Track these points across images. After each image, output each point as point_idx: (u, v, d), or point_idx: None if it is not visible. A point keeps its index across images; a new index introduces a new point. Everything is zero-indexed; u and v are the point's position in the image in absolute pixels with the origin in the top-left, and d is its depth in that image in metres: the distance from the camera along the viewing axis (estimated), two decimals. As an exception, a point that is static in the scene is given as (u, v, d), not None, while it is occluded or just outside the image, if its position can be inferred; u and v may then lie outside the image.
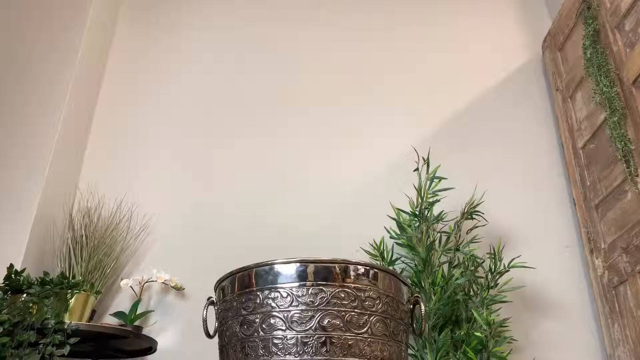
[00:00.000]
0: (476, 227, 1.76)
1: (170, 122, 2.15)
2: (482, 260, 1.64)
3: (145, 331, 1.71)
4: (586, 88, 1.85)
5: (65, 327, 1.35)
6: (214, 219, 1.95)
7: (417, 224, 1.65)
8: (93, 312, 1.65)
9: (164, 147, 2.10)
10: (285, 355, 0.92)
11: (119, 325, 1.62)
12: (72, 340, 1.33)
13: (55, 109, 1.92)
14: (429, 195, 1.67)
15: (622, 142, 1.60)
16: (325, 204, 1.96)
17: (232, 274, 1.03)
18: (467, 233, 1.77)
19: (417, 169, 1.73)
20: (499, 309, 1.70)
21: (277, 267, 0.97)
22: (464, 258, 1.62)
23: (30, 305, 1.35)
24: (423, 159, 1.73)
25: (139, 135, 2.13)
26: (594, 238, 1.79)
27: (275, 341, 0.93)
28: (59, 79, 1.97)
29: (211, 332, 1.09)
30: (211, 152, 2.08)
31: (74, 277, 1.66)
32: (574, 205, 1.90)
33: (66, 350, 1.31)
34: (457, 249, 1.66)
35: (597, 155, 1.78)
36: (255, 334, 0.95)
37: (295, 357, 0.91)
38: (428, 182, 1.68)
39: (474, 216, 1.72)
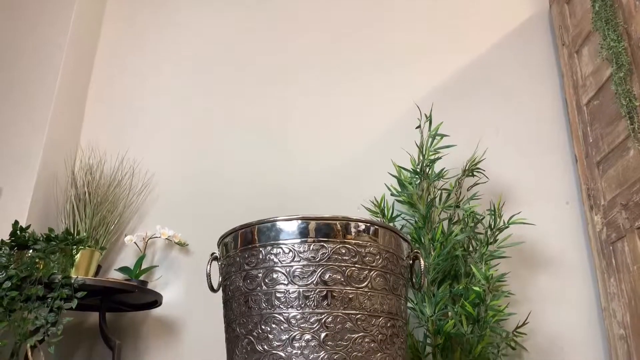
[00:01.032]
0: (477, 184, 1.77)
1: (170, 79, 2.12)
2: (482, 217, 1.65)
3: (150, 286, 1.75)
4: (593, 43, 1.82)
5: (72, 281, 1.38)
6: (215, 176, 1.96)
7: (418, 181, 1.66)
8: (98, 267, 1.69)
9: (164, 105, 2.08)
10: (288, 308, 0.94)
11: (124, 280, 1.65)
12: (79, 294, 1.36)
13: (52, 65, 1.89)
14: (430, 153, 1.66)
15: (627, 99, 1.58)
16: (327, 162, 1.96)
17: (234, 230, 1.04)
18: (467, 190, 1.77)
19: (419, 126, 1.72)
20: (497, 264, 1.73)
21: (279, 224, 0.98)
22: (464, 215, 1.63)
23: (37, 260, 1.38)
24: (425, 115, 1.71)
25: (139, 92, 2.11)
26: (594, 195, 1.80)
27: (278, 295, 0.95)
28: (55, 32, 1.93)
29: (215, 286, 1.11)
30: (212, 110, 2.07)
31: (78, 234, 1.69)
32: (576, 162, 1.90)
33: (74, 303, 1.34)
34: (458, 206, 1.67)
35: (601, 112, 1.76)
36: (258, 288, 0.97)
37: (297, 310, 0.93)
38: (430, 140, 1.68)
39: (475, 173, 1.72)
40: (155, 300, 1.67)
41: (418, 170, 1.66)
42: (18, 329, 1.30)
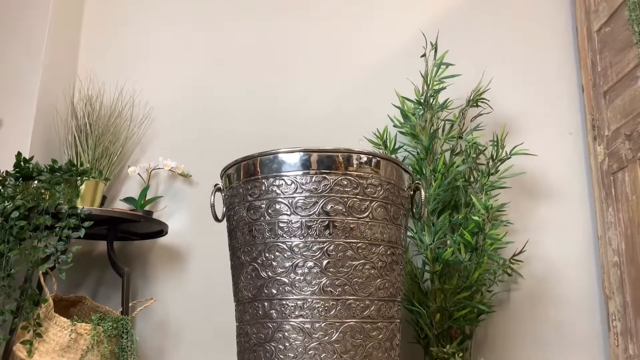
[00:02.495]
0: (481, 114, 1.75)
1: (168, 5, 2.04)
2: (484, 148, 1.65)
3: (155, 216, 1.79)
4: (609, -36, 1.73)
5: (79, 211, 1.40)
6: (217, 107, 1.94)
7: (422, 112, 1.64)
8: (103, 198, 1.71)
9: (163, 32, 2.02)
10: (291, 237, 0.96)
11: (130, 210, 1.68)
12: (86, 224, 1.39)
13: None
14: (435, 83, 1.63)
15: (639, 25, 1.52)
16: (329, 92, 1.93)
17: (237, 162, 1.04)
18: (471, 121, 1.76)
19: (424, 55, 1.68)
20: (497, 194, 1.74)
21: (281, 156, 0.99)
22: (466, 146, 1.63)
23: (42, 191, 1.40)
24: (431, 43, 1.67)
25: (136, 20, 2.04)
26: (599, 125, 1.78)
27: (281, 225, 0.97)
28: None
29: (219, 216, 1.13)
30: (212, 37, 2.01)
31: (82, 165, 1.70)
32: (582, 92, 1.87)
33: (81, 233, 1.38)
34: (460, 137, 1.66)
35: (611, 39, 1.71)
36: (262, 218, 0.99)
37: (300, 239, 0.96)
38: (435, 69, 1.64)
39: (479, 103, 1.70)
40: (161, 230, 1.71)
41: (422, 100, 1.64)
42: (29, 256, 1.34)
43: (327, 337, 0.92)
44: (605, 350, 1.70)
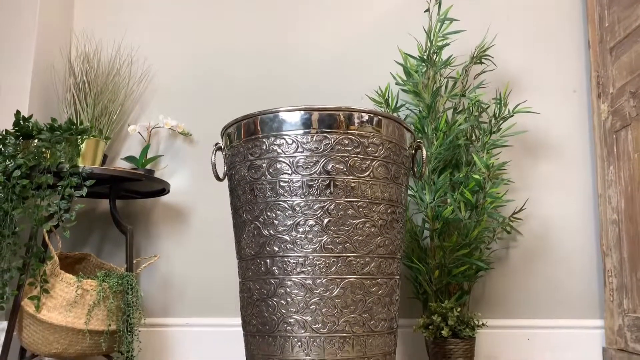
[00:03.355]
0: (484, 72, 1.72)
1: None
2: (487, 106, 1.63)
3: (156, 174, 1.79)
4: None
5: (80, 170, 1.41)
6: (217, 64, 1.91)
7: (425, 69, 1.62)
8: (104, 157, 1.71)
9: (157, -14, 1.97)
10: (292, 196, 0.97)
11: (131, 169, 1.68)
12: (88, 182, 1.40)
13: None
14: (438, 39, 1.60)
15: (651, -22, 1.48)
16: (330, 49, 1.90)
17: (237, 121, 1.04)
18: (474, 78, 1.74)
19: (427, 10, 1.64)
20: (499, 153, 1.74)
21: (282, 115, 0.98)
22: (469, 104, 1.61)
23: (43, 150, 1.40)
24: (434, -2, 1.62)
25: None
26: (604, 82, 1.76)
27: (282, 184, 0.97)
28: None
29: (220, 175, 1.13)
30: (208, -9, 1.96)
31: (81, 123, 1.69)
32: (588, 48, 1.83)
33: (83, 191, 1.39)
34: (463, 95, 1.64)
35: (621, -7, 1.66)
36: (263, 177, 0.99)
37: (301, 198, 0.96)
38: (438, 25, 1.60)
39: (483, 60, 1.67)
40: (163, 189, 1.71)
41: (425, 57, 1.61)
42: (33, 215, 1.35)
43: (327, 293, 0.94)
44: (600, 305, 1.74)
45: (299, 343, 0.93)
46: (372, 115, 1.00)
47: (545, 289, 1.76)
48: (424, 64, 1.61)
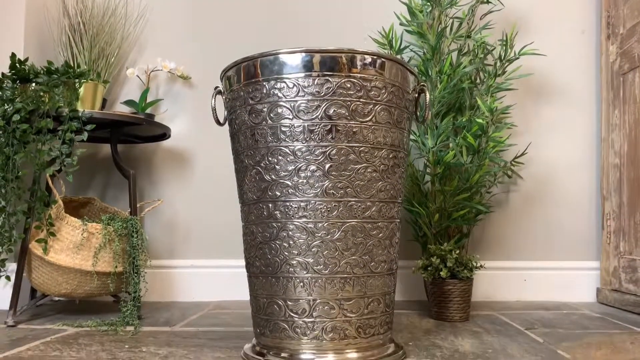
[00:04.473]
0: (491, 12, 1.67)
1: None
2: (492, 48, 1.59)
3: (157, 119, 1.78)
4: None
5: (80, 115, 1.40)
6: (214, 3, 1.85)
7: (430, 9, 1.57)
8: (104, 101, 1.69)
9: None
10: (293, 141, 0.96)
11: (131, 113, 1.67)
12: (89, 127, 1.39)
13: None
14: (444, -24, 1.54)
15: None
16: (332, -13, 1.83)
17: (236, 63, 1.01)
18: (480, 19, 1.68)
19: (433, -55, 1.56)
20: (503, 96, 1.72)
21: (282, 57, 0.95)
22: (474, 45, 1.57)
23: (41, 94, 1.38)
24: None
25: None
26: (614, 22, 1.71)
27: (283, 129, 0.96)
28: None
29: (221, 120, 1.12)
30: None
31: (78, 67, 1.66)
32: (600, -14, 1.77)
33: (84, 136, 1.38)
34: (469, 36, 1.60)
35: None
36: (264, 122, 0.98)
37: (303, 143, 0.96)
38: (444, -39, 1.54)
39: (489, 0, 1.62)
40: (164, 133, 1.71)
41: (429, -4, 1.55)
42: (35, 159, 1.35)
43: (329, 236, 0.95)
44: (597, 247, 1.78)
45: (301, 283, 0.96)
46: (375, 57, 0.97)
47: (543, 232, 1.79)
48: (429, 3, 1.56)
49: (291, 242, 0.97)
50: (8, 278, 1.40)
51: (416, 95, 1.08)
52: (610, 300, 1.65)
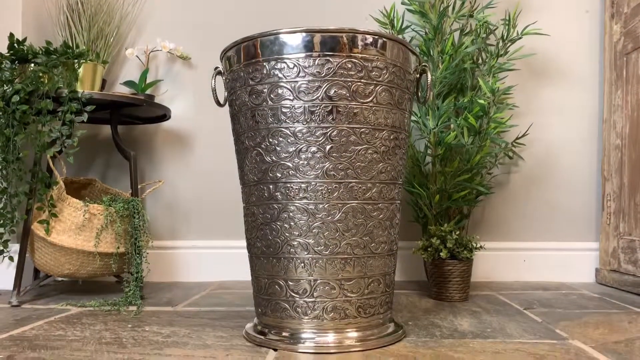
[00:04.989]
0: (494, -10, 1.65)
1: None
2: (495, 27, 1.58)
3: (157, 100, 1.77)
4: None
5: (79, 95, 1.39)
6: (213, -18, 1.83)
7: (431, -13, 1.54)
8: (103, 81, 1.68)
9: None
10: (294, 122, 0.96)
11: (131, 94, 1.66)
12: (89, 108, 1.38)
13: None
14: (446, -46, 1.51)
15: None
16: (333, -35, 1.80)
17: (236, 43, 1.00)
18: (483, -3, 1.66)
19: None
20: (505, 77, 1.70)
21: (283, 37, 0.94)
22: (476, 25, 1.56)
23: (40, 75, 1.37)
24: None
25: None
26: (618, 1, 1.69)
27: (284, 110, 0.96)
28: None
29: (221, 101, 1.12)
30: None
31: (77, 47, 1.64)
32: (605, -36, 1.74)
33: (84, 117, 1.38)
34: (471, 15, 1.58)
35: None
36: (264, 103, 0.98)
37: (303, 124, 0.95)
38: (447, -62, 1.51)
39: (493, -22, 1.59)
40: (164, 114, 1.70)
41: (432, -26, 1.53)
42: (35, 140, 1.35)
43: (330, 217, 0.96)
44: (596, 228, 1.78)
45: (302, 264, 0.96)
46: (376, 37, 0.96)
47: (543, 213, 1.79)
48: (431, -18, 1.54)
49: (292, 223, 0.97)
50: (11, 259, 1.41)
51: (418, 75, 1.08)
52: (609, 280, 1.66)
